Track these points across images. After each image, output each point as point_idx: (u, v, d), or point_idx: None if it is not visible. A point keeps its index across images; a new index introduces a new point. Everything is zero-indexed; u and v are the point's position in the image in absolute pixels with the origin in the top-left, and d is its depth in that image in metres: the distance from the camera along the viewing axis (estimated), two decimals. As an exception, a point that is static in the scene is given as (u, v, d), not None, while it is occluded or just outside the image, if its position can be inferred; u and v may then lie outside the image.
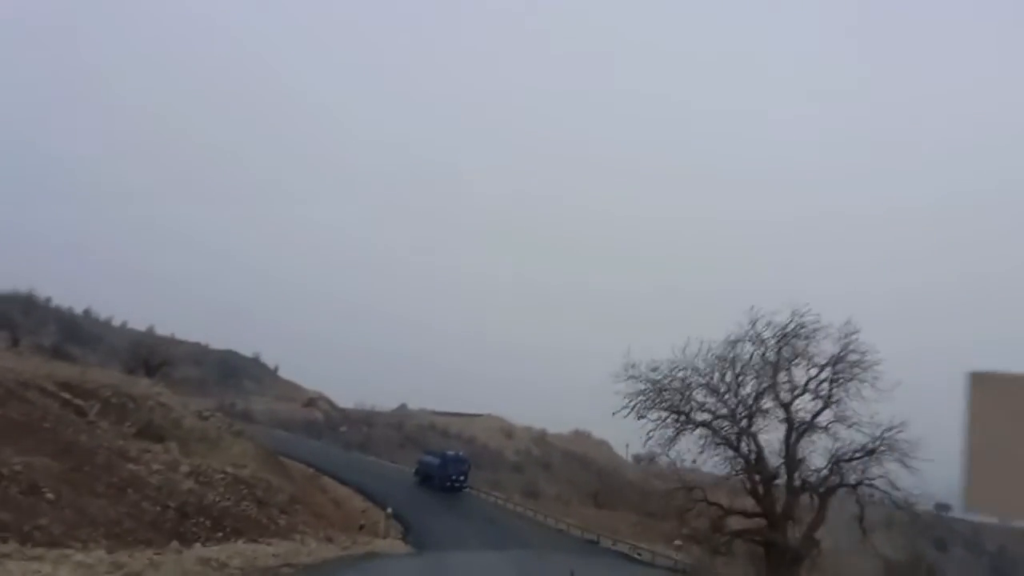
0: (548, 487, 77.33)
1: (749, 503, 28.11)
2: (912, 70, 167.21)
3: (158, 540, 16.40)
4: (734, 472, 28.23)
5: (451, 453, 54.05)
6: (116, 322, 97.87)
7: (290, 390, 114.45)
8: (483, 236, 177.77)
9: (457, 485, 49.91)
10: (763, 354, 27.70)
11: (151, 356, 44.86)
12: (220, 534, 18.48)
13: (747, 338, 27.58)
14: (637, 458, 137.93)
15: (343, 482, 44.85)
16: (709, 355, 27.95)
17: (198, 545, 16.84)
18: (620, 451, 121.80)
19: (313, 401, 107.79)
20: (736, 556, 28.98)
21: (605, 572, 30.04)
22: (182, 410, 31.19)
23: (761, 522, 27.41)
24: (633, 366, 27.69)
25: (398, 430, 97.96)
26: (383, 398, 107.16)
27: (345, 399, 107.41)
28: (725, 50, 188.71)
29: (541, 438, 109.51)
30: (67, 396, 24.54)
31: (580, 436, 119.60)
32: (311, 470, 46.43)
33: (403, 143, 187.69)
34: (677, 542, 32.64)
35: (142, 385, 33.89)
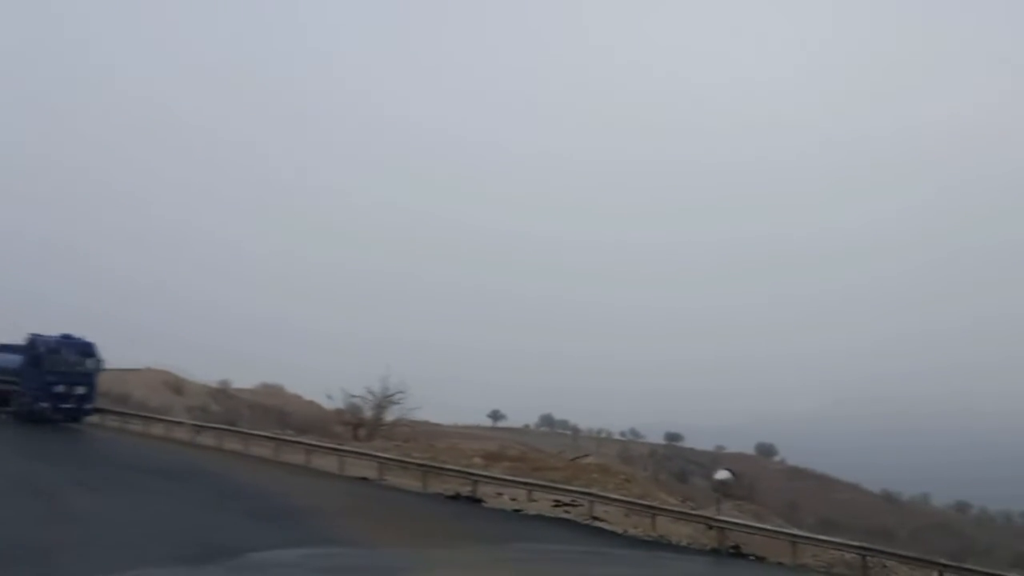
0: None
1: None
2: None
3: None
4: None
5: (52, 337, 26.59)
6: None
7: None
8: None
9: (71, 406, 24.35)
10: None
11: None
12: None
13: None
14: (340, 412, 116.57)
15: None
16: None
17: None
18: (320, 404, 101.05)
19: None
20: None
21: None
22: None
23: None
24: None
25: None
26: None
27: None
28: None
29: (222, 392, 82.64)
30: None
31: (270, 389, 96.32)
32: None
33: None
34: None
35: None
